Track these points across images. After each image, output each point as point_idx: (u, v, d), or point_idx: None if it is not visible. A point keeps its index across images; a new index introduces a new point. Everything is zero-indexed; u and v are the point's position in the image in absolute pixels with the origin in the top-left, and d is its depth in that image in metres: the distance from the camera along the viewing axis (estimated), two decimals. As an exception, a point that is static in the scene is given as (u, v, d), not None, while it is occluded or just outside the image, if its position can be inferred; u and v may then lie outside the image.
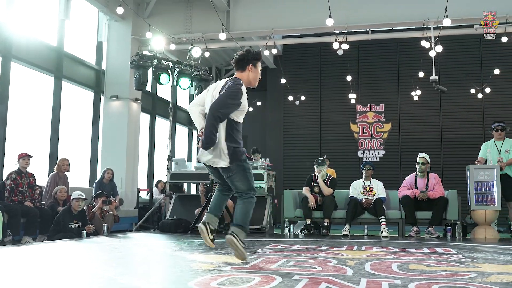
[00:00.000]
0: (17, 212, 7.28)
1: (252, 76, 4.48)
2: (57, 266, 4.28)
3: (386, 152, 15.55)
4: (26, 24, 9.79)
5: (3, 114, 9.07)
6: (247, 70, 4.47)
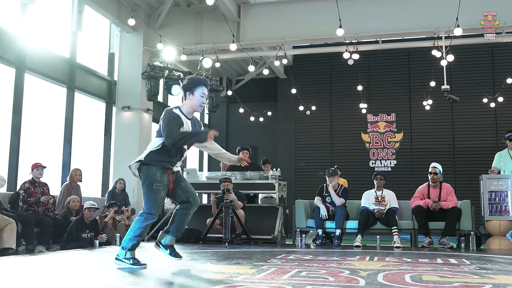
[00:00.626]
0: (30, 221, 7.33)
1: (191, 103, 4.78)
2: (70, 276, 4.30)
3: (397, 162, 15.47)
4: (39, 36, 9.91)
5: (17, 124, 9.17)
6: (187, 98, 4.81)
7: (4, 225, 6.71)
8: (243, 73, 17.01)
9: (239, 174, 9.35)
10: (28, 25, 9.54)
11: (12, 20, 9.32)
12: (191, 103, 4.78)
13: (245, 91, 16.67)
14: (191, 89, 4.78)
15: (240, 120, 16.63)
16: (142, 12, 12.01)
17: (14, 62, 9.21)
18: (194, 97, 4.77)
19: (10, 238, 6.71)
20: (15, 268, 4.84)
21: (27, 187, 7.72)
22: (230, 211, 7.97)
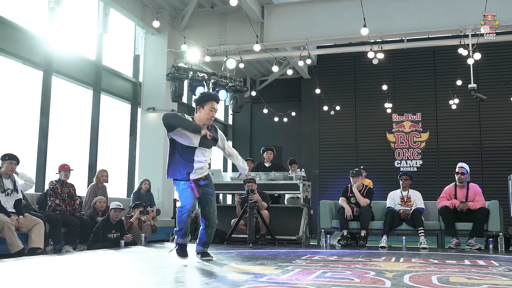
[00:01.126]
0: (58, 222, 7.44)
1: (201, 115, 5.19)
2: (96, 275, 4.35)
3: (423, 162, 15.28)
4: (66, 39, 10.06)
5: (44, 126, 9.32)
6: (198, 111, 5.21)
7: (33, 225, 6.84)
8: (267, 74, 17.01)
9: (263, 175, 9.36)
10: (55, 28, 9.70)
11: (40, 24, 9.49)
12: (200, 116, 5.19)
13: (269, 91, 16.67)
14: (201, 103, 5.18)
15: (264, 121, 16.64)
16: (167, 14, 12.10)
17: (42, 64, 9.37)
18: (204, 111, 5.17)
19: (38, 238, 6.83)
20: (44, 268, 4.92)
21: (54, 187, 7.84)
22: (255, 212, 7.98)
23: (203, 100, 5.19)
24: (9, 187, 6.84)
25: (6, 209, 6.67)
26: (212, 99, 5.21)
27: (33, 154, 9.14)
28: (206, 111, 5.16)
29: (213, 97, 5.29)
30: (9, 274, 4.45)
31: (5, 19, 8.58)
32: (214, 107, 5.20)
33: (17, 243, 6.44)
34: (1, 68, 8.68)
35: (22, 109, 9.16)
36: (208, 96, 5.28)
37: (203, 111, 5.17)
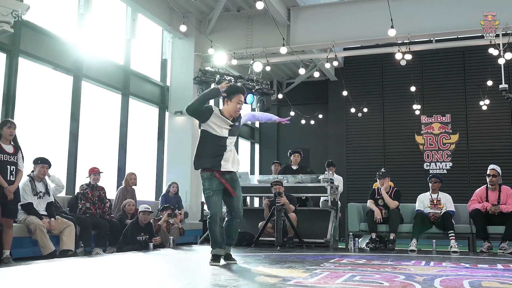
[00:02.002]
0: (88, 224, 7.55)
1: (228, 107, 5.37)
2: (126, 278, 4.40)
3: (453, 164, 15.03)
4: (95, 44, 10.23)
5: (75, 130, 9.49)
6: (226, 103, 5.38)
7: (64, 228, 6.95)
8: (293, 76, 16.99)
9: (291, 177, 9.33)
10: (84, 34, 9.87)
11: (70, 30, 9.66)
12: (228, 108, 5.36)
13: (296, 94, 16.64)
14: (229, 96, 5.34)
15: (291, 123, 16.48)
16: (193, 18, 12.19)
17: (72, 70, 9.54)
18: (231, 103, 5.34)
19: (69, 240, 6.94)
20: (75, 270, 5.00)
21: (85, 188, 7.96)
22: (282, 215, 7.96)
23: (231, 93, 5.33)
24: (41, 190, 6.97)
25: (39, 211, 6.80)
26: (239, 92, 5.38)
27: (63, 157, 9.30)
28: (233, 103, 5.32)
29: (240, 89, 5.44)
30: (42, 275, 4.54)
31: (37, 26, 8.76)
32: (241, 99, 5.37)
33: (49, 245, 6.56)
34: (33, 74, 8.86)
35: (53, 113, 9.33)
36: (235, 89, 5.41)
37: (230, 103, 5.33)
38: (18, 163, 6.28)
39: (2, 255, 6.05)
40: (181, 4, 11.66)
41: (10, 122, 6.29)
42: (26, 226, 6.62)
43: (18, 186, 6.34)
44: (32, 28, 8.67)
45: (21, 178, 6.41)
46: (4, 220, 6.09)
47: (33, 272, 4.72)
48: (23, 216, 6.67)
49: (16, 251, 6.40)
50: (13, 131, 6.23)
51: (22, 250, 6.63)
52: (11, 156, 6.19)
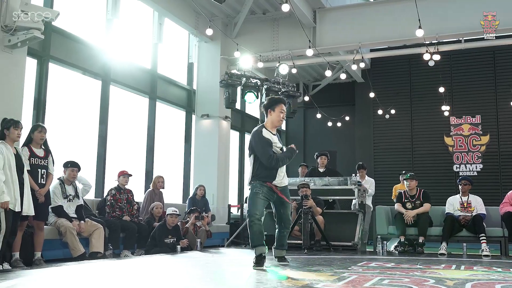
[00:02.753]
0: (116, 227, 7.63)
1: (272, 118, 5.60)
2: (155, 280, 4.43)
3: (484, 166, 14.74)
4: (123, 49, 10.35)
5: (103, 134, 9.61)
6: (269, 115, 5.63)
7: (93, 230, 7.05)
8: (319, 78, 16.92)
9: (317, 180, 9.29)
10: (112, 39, 10.00)
11: (98, 35, 9.80)
12: (272, 119, 5.61)
13: (322, 96, 16.56)
14: (272, 107, 5.61)
15: (317, 126, 16.53)
16: (219, 21, 12.25)
17: (100, 74, 9.68)
18: (275, 113, 5.59)
19: (99, 242, 7.03)
20: (104, 272, 5.06)
21: (113, 194, 8.06)
22: (309, 217, 7.93)
23: (273, 104, 5.63)
24: (71, 193, 7.08)
25: (69, 214, 6.91)
26: (280, 102, 5.67)
27: (92, 161, 9.43)
28: (277, 113, 5.59)
29: (281, 100, 5.78)
30: (72, 277, 4.60)
31: (66, 32, 8.91)
32: (283, 109, 5.65)
33: (79, 247, 6.66)
34: (63, 79, 9.01)
35: (82, 117, 9.47)
36: (277, 100, 5.74)
37: (274, 114, 5.60)
38: (49, 166, 6.39)
39: (34, 257, 6.17)
40: (207, 7, 11.73)
41: (41, 126, 6.41)
42: (57, 228, 6.73)
43: (48, 189, 6.45)
44: (61, 34, 8.82)
45: (51, 182, 6.53)
46: (35, 222, 6.22)
47: (63, 274, 4.79)
48: (54, 219, 6.79)
49: (47, 253, 6.52)
50: (44, 136, 6.34)
51: (52, 252, 6.75)
52: (42, 159, 6.31)
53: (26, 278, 4.45)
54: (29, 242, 6.22)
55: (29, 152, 6.19)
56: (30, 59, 7.99)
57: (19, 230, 5.80)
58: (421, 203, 8.27)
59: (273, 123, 5.62)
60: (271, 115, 5.61)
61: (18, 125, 5.80)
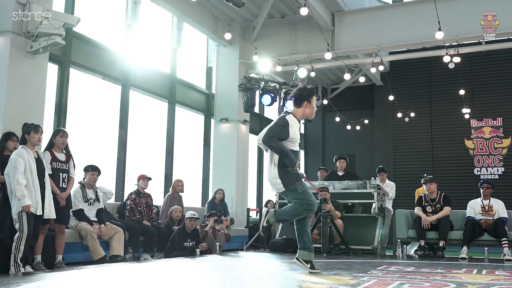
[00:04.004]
0: (136, 230, 7.69)
1: (308, 111, 5.18)
2: (174, 283, 4.46)
3: (505, 169, 14.53)
4: (142, 54, 10.45)
5: (123, 138, 9.71)
6: (302, 106, 5.15)
7: (113, 234, 7.11)
8: (338, 82, 16.86)
9: (337, 184, 9.25)
10: (132, 44, 10.10)
11: (118, 40, 9.91)
12: (306, 111, 5.17)
13: (341, 99, 16.50)
14: (308, 98, 5.14)
15: (336, 129, 16.48)
16: (238, 26, 12.30)
17: (120, 79, 9.78)
18: (311, 105, 5.18)
19: (119, 246, 7.10)
20: (125, 275, 5.10)
21: (133, 198, 8.12)
22: (328, 221, 7.90)
23: (310, 95, 5.16)
24: (92, 197, 7.16)
25: (89, 218, 6.99)
26: (315, 93, 5.26)
27: (113, 165, 9.52)
28: (313, 105, 5.20)
29: (315, 91, 5.29)
30: (93, 280, 4.65)
31: (87, 37, 9.03)
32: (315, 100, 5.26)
33: (99, 251, 6.73)
34: (84, 84, 9.13)
35: (102, 122, 9.58)
36: (313, 91, 5.24)
37: (310, 106, 5.17)
38: (70, 170, 6.48)
39: (55, 260, 6.26)
40: (225, 12, 11.79)
41: (62, 131, 6.50)
42: (78, 232, 6.81)
43: (69, 193, 6.54)
44: (82, 39, 8.94)
45: (72, 185, 6.61)
46: (56, 226, 6.30)
47: (84, 277, 4.85)
48: (75, 222, 6.87)
49: (68, 256, 6.59)
50: (65, 140, 6.43)
51: (73, 255, 6.82)
52: (63, 164, 6.39)
53: (48, 281, 4.51)
54: (51, 245, 6.30)
55: (51, 156, 6.27)
56: (52, 65, 8.11)
57: (41, 234, 5.89)
58: (441, 206, 8.18)
59: (305, 115, 5.21)
60: (306, 107, 5.14)
61: (38, 129, 5.89)
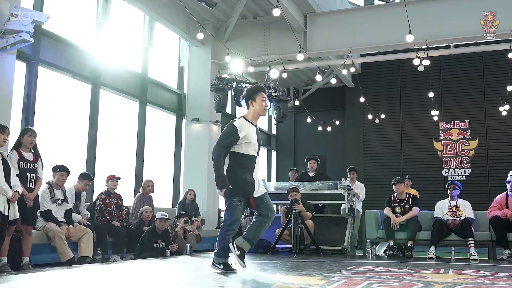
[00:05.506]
0: (104, 231, 7.61)
1: (256, 108, 5.26)
2: (143, 285, 4.42)
3: (472, 171, 14.84)
4: (113, 53, 10.33)
5: (93, 137, 9.58)
6: (250, 106, 5.27)
7: (82, 235, 7.01)
8: (310, 83, 16.98)
9: (307, 184, 9.31)
10: (102, 43, 9.98)
11: (88, 39, 9.78)
12: (255, 109, 5.27)
13: (313, 100, 16.62)
14: (251, 97, 5.27)
15: (307, 130, 16.59)
16: (210, 26, 12.26)
17: (90, 78, 9.65)
18: (257, 103, 5.26)
19: (88, 247, 7.00)
20: (93, 276, 5.03)
21: (103, 198, 8.02)
22: (299, 222, 7.94)
23: (253, 93, 5.28)
24: (60, 198, 7.04)
25: (57, 218, 6.87)
26: (260, 90, 5.32)
27: (82, 164, 9.39)
28: (259, 103, 5.26)
29: (260, 87, 5.39)
30: (60, 282, 4.58)
31: (56, 35, 8.89)
32: (264, 96, 5.31)
33: (68, 252, 6.62)
34: (53, 82, 8.98)
35: (71, 121, 9.44)
36: (256, 88, 5.37)
37: (256, 104, 5.26)
38: (38, 170, 6.36)
39: (22, 262, 6.13)
40: (198, 12, 11.74)
41: (30, 130, 6.38)
42: (45, 233, 6.69)
43: (37, 194, 6.41)
44: (51, 37, 8.80)
45: (40, 186, 6.49)
46: (23, 227, 6.18)
47: (52, 279, 4.76)
48: (42, 223, 6.75)
49: (35, 258, 6.47)
50: (33, 140, 6.31)
51: (41, 256, 6.70)
52: (31, 163, 6.27)
53: (14, 283, 4.41)
54: (17, 246, 6.17)
55: (18, 156, 6.15)
56: (20, 62, 7.95)
57: (7, 235, 5.76)
58: (410, 207, 8.30)
59: (256, 113, 5.28)
60: (252, 105, 5.26)
61: (5, 130, 5.77)
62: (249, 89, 5.39)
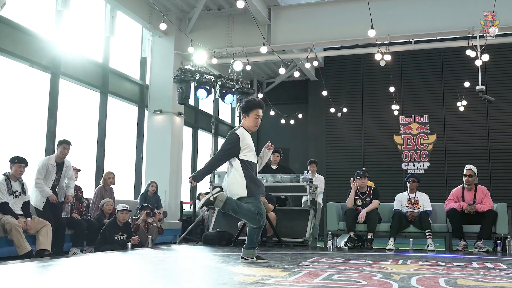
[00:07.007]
0: (64, 224, 7.46)
1: (247, 123, 5.42)
2: (103, 278, 4.36)
3: (431, 164, 15.21)
4: (73, 41, 10.11)
5: (52, 128, 9.37)
6: (243, 119, 5.44)
7: (40, 227, 6.86)
8: (273, 76, 17.01)
9: (270, 177, 9.34)
10: (62, 31, 9.75)
11: (47, 27, 9.54)
12: (247, 123, 5.42)
13: (276, 93, 16.67)
14: (246, 111, 5.38)
15: (271, 123, 16.63)
16: (174, 16, 12.12)
17: (49, 67, 9.42)
18: (249, 119, 5.38)
19: (46, 240, 6.86)
20: (51, 270, 4.94)
21: (61, 190, 7.86)
22: (261, 214, 7.94)
23: (248, 109, 5.37)
24: (17, 190, 6.87)
25: (14, 211, 6.70)
26: (257, 107, 5.38)
27: (40, 156, 9.17)
28: (251, 119, 5.37)
29: (258, 104, 5.41)
30: (17, 275, 4.47)
31: (13, 22, 8.63)
32: (259, 114, 5.39)
33: (25, 245, 6.47)
34: (9, 71, 8.72)
35: (30, 111, 9.20)
36: (253, 104, 5.40)
37: (248, 119, 5.38)
38: None
39: (-23, 255, 5.96)
40: (161, 2, 11.59)
41: None
42: (2, 225, 6.52)
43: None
44: (8, 24, 8.54)
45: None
46: (-22, 219, 6.01)
47: (7, 273, 4.65)
48: (-1, 216, 6.57)
49: (-9, 251, 6.30)
50: None
51: (-3, 250, 6.53)
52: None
53: (-32, 277, 4.29)
54: (-28, 239, 6.00)
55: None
56: (-26, 50, 7.70)
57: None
58: (371, 200, 8.44)
59: (248, 127, 5.43)
60: (245, 119, 5.40)
61: None
62: (247, 101, 5.43)
